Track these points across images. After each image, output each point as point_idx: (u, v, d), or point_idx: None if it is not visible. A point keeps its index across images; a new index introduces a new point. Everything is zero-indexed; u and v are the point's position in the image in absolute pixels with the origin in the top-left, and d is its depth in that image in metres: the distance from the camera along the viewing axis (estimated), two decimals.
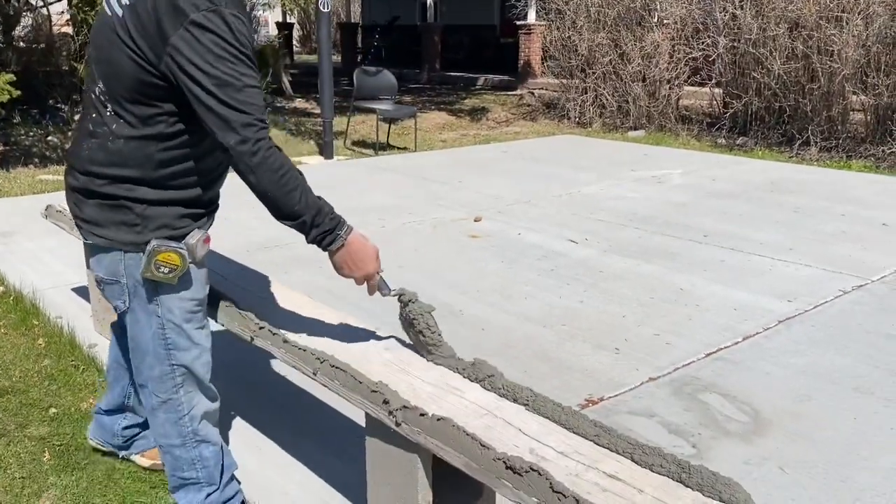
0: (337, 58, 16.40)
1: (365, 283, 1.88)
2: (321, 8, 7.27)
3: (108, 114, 1.72)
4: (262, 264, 2.60)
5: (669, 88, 9.50)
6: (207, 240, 1.87)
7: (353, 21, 21.01)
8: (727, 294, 3.82)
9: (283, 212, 1.78)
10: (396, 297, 1.95)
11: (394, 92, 8.75)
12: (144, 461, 2.34)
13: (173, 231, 1.79)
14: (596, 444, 1.52)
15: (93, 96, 1.75)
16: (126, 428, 2.32)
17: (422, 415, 1.59)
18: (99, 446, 2.39)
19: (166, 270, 1.76)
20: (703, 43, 9.02)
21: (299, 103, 11.43)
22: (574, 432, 1.55)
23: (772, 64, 8.17)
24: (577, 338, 3.29)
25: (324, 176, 6.82)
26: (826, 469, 2.34)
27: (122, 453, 2.36)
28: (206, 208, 1.92)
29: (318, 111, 9.66)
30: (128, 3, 1.66)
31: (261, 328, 2.04)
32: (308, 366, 1.88)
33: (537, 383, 2.35)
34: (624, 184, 6.46)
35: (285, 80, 11.62)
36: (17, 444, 2.47)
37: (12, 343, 3.22)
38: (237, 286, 2.36)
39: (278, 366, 2.93)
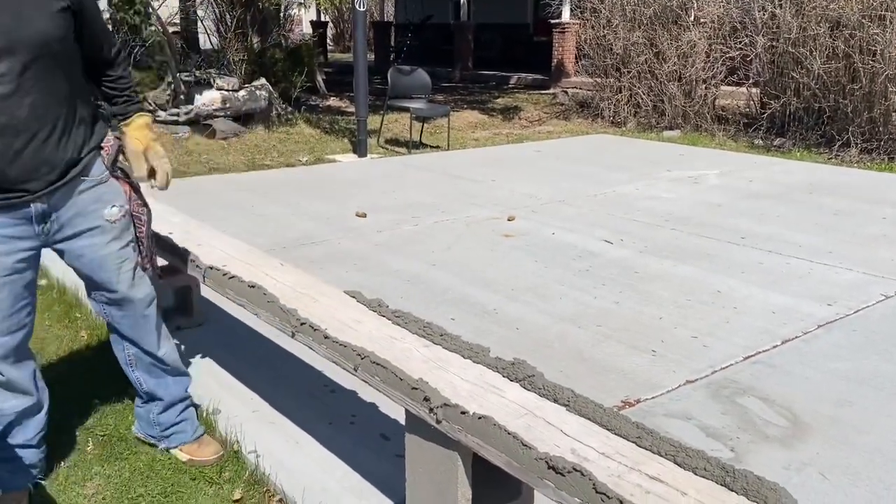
0: (370, 56, 16.48)
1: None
2: (357, 7, 7.31)
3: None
4: (298, 260, 2.63)
5: (706, 88, 9.39)
6: None
7: (386, 20, 21.08)
8: (765, 297, 3.77)
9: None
10: None
11: (427, 91, 8.77)
12: (183, 455, 2.39)
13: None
14: (638, 445, 1.51)
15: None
16: (161, 413, 2.39)
17: (462, 412, 1.60)
18: (143, 439, 2.46)
19: None
20: (740, 42, 8.90)
21: (333, 102, 11.51)
22: (615, 433, 1.55)
23: (812, 64, 8.03)
24: (612, 338, 3.27)
25: (357, 174, 6.86)
26: (869, 475, 2.30)
27: (162, 445, 2.41)
28: None
29: (351, 109, 9.72)
30: None
31: (302, 324, 2.06)
32: (349, 361, 1.90)
33: (573, 383, 2.33)
34: (659, 184, 6.40)
35: (319, 78, 11.70)
36: (62, 434, 2.52)
37: (56, 335, 3.29)
38: (277, 282, 2.39)
39: (314, 358, 2.96)
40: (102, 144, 2.14)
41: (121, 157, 2.22)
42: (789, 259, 4.38)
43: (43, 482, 2.25)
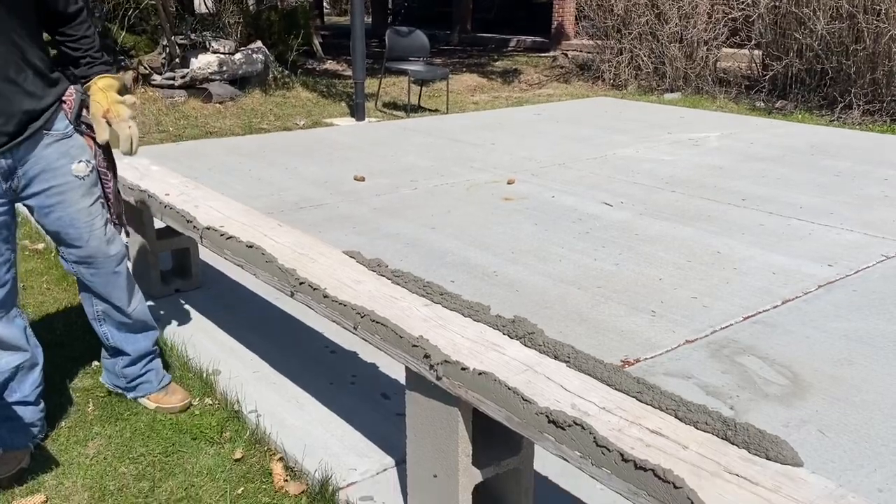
0: (367, 19, 16.24)
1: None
2: None
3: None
4: (296, 224, 2.61)
5: (707, 50, 9.28)
6: None
7: None
8: (766, 258, 3.76)
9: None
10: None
11: (425, 52, 8.65)
12: (150, 404, 2.45)
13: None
14: (638, 400, 1.51)
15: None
16: (127, 367, 2.43)
17: (463, 369, 1.59)
18: (111, 389, 2.52)
19: None
20: (742, 2, 8.77)
21: (330, 65, 11.38)
22: (616, 389, 1.54)
23: (815, 24, 7.93)
24: (612, 300, 3.26)
25: (355, 138, 6.80)
26: (868, 432, 2.31)
27: (130, 395, 2.47)
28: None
29: (349, 73, 9.62)
30: None
31: (301, 283, 2.05)
32: (348, 320, 1.89)
33: (573, 343, 2.34)
34: (660, 146, 6.35)
35: (316, 41, 11.54)
36: (61, 395, 2.53)
37: (55, 298, 3.28)
38: (275, 242, 2.37)
39: (314, 318, 2.95)
40: (64, 98, 2.09)
41: (85, 112, 2.17)
42: (790, 220, 4.36)
43: (43, 442, 2.26)
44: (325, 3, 20.62)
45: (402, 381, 1.83)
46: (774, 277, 3.51)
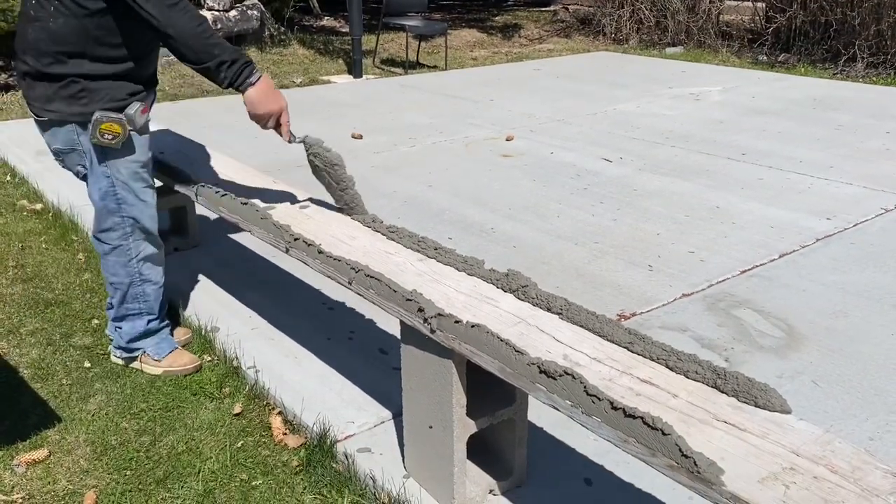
0: None
1: (276, 126, 2.14)
2: None
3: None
4: (293, 182, 2.60)
5: (710, 3, 9.12)
6: (145, 110, 2.17)
7: None
8: (764, 212, 3.75)
9: (205, 57, 2.00)
10: (301, 143, 2.21)
11: (424, 8, 8.52)
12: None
13: (115, 103, 2.10)
14: (629, 350, 1.52)
15: None
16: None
17: (456, 322, 1.60)
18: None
19: (110, 137, 2.09)
20: None
21: (327, 21, 11.21)
22: (608, 340, 1.56)
23: None
24: (609, 255, 3.27)
25: (353, 95, 6.74)
26: (861, 382, 2.33)
27: None
28: (143, 84, 2.19)
29: (346, 29, 9.48)
30: None
31: (296, 239, 2.05)
32: (343, 275, 1.90)
33: (569, 298, 2.34)
34: (660, 101, 6.29)
35: None
36: (62, 353, 2.55)
37: (53, 258, 3.29)
38: (269, 201, 2.37)
39: (312, 276, 2.96)
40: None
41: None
42: (789, 174, 4.34)
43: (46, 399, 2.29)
44: None
45: (399, 336, 1.84)
46: (772, 231, 3.51)
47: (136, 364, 2.46)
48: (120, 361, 2.49)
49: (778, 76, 7.47)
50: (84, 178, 2.25)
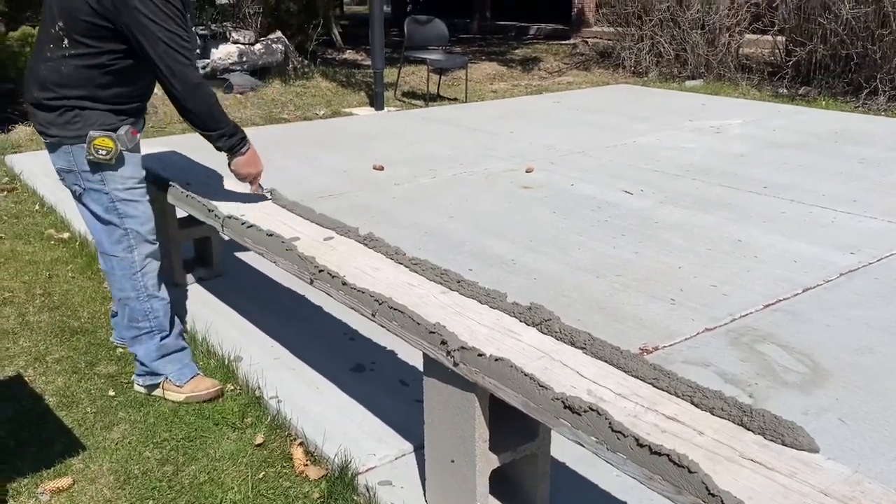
0: (387, 8, 16.19)
1: (252, 182, 2.55)
2: None
3: (65, 44, 2.20)
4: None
5: (729, 36, 9.16)
6: (134, 132, 2.34)
7: None
8: (787, 246, 3.73)
9: (212, 127, 2.34)
10: (269, 194, 2.66)
11: (445, 41, 8.64)
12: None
13: (107, 126, 2.27)
14: (654, 386, 1.51)
15: (52, 31, 2.22)
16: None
17: (479, 355, 1.60)
18: (119, 345, 2.74)
19: (104, 153, 2.25)
20: None
21: (349, 54, 11.39)
22: (632, 375, 1.55)
23: (840, 9, 7.80)
24: (631, 288, 3.26)
25: (374, 127, 6.82)
26: (888, 420, 2.29)
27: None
28: (131, 115, 2.36)
29: (368, 62, 9.61)
30: None
31: (320, 271, 2.07)
32: (367, 307, 1.91)
33: (591, 331, 2.34)
34: (681, 134, 6.30)
35: (335, 31, 11.55)
36: (87, 381, 2.58)
37: (80, 286, 3.34)
38: (294, 230, 2.39)
39: (334, 306, 2.98)
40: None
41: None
42: (812, 208, 4.32)
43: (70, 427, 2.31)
44: None
45: (420, 367, 1.85)
46: (795, 265, 3.49)
47: (158, 392, 2.48)
48: (143, 390, 2.51)
49: (799, 109, 7.46)
50: (80, 197, 2.38)
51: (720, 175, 5.02)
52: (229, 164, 2.47)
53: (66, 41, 2.21)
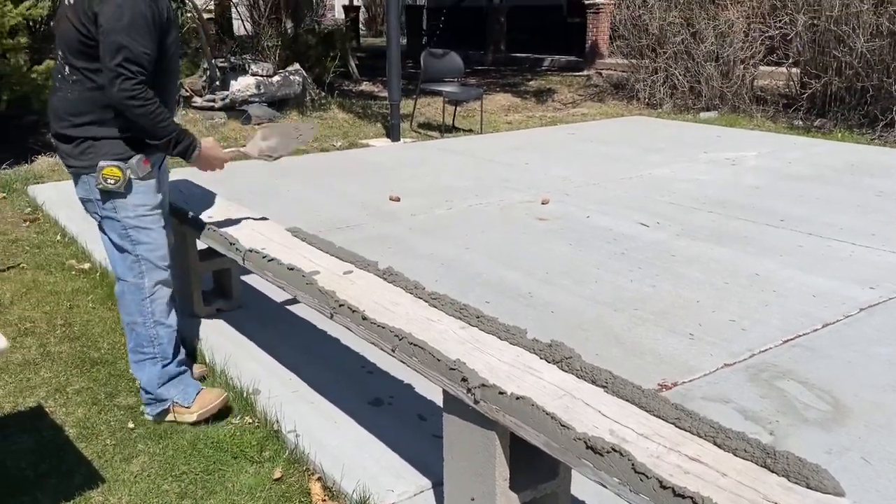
0: (402, 40, 16.40)
1: (222, 167, 2.60)
2: None
3: (66, 73, 2.33)
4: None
5: (744, 68, 9.20)
6: (146, 161, 2.40)
7: (418, 3, 20.98)
8: (805, 280, 3.71)
9: (156, 136, 2.36)
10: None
11: (460, 74, 8.73)
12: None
13: (118, 156, 2.35)
14: (677, 427, 1.51)
15: (58, 63, 2.38)
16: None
17: (500, 393, 1.61)
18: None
19: (112, 182, 2.34)
20: (780, 21, 8.69)
21: (366, 86, 11.53)
22: (654, 415, 1.55)
23: (854, 42, 7.83)
24: (649, 322, 3.25)
25: (391, 158, 6.88)
26: None
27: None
28: (144, 145, 2.39)
29: (384, 94, 9.73)
30: None
31: (340, 305, 2.08)
32: (387, 343, 1.92)
33: (609, 367, 2.32)
34: (696, 166, 6.31)
35: (352, 63, 11.70)
36: (107, 413, 2.60)
37: (100, 317, 3.37)
38: (315, 264, 2.41)
39: (351, 338, 2.99)
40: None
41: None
42: (830, 241, 4.30)
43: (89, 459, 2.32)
44: (360, 25, 20.92)
45: (439, 402, 1.85)
46: (814, 300, 3.47)
47: (169, 417, 2.52)
48: (150, 418, 2.54)
49: (814, 141, 7.46)
50: (99, 225, 2.48)
51: (736, 207, 5.02)
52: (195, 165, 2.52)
53: (67, 69, 2.33)
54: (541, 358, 1.79)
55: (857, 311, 3.34)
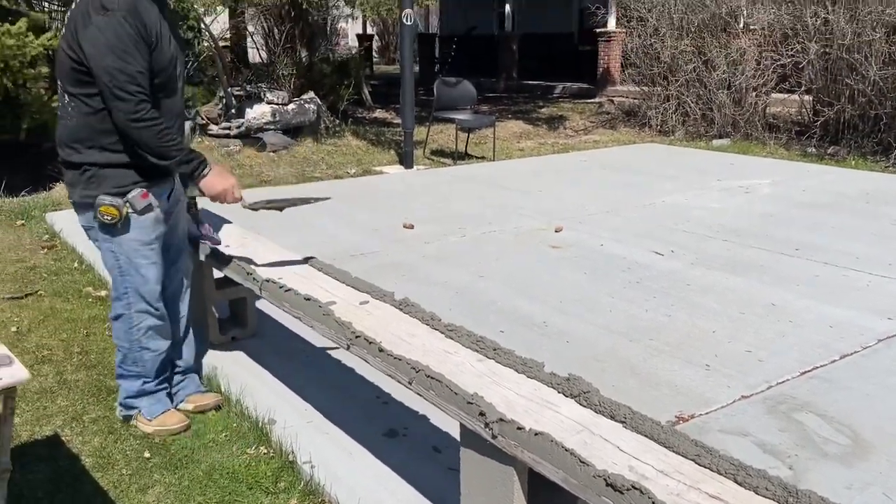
0: (415, 67, 16.56)
1: (232, 200, 2.52)
2: (405, 21, 7.38)
3: (65, 101, 2.39)
4: (348, 272, 2.67)
5: (756, 96, 9.23)
6: (145, 195, 2.44)
7: (430, 32, 21.22)
8: (822, 310, 3.69)
9: (163, 157, 2.37)
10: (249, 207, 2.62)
11: (473, 102, 8.80)
12: (188, 406, 2.78)
13: (119, 189, 2.39)
14: (697, 463, 1.50)
15: (59, 93, 2.43)
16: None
17: (519, 428, 1.60)
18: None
19: (108, 218, 2.39)
20: (792, 49, 8.72)
21: (379, 113, 11.62)
22: (674, 451, 1.54)
23: (867, 70, 7.84)
24: (664, 352, 3.23)
25: (404, 185, 6.92)
26: None
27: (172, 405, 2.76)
28: (148, 172, 2.43)
29: (397, 121, 9.80)
30: (67, 19, 2.36)
31: (357, 336, 2.09)
32: (403, 375, 1.92)
33: (625, 398, 2.31)
34: (709, 194, 6.31)
35: (366, 91, 11.82)
36: (123, 442, 2.60)
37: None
38: (331, 294, 2.42)
39: (366, 368, 2.99)
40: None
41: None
42: (846, 271, 4.28)
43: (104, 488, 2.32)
44: (373, 52, 21.15)
45: (454, 434, 1.84)
46: (831, 331, 3.44)
47: (133, 421, 2.69)
48: (120, 417, 2.72)
49: (828, 169, 7.45)
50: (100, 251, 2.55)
51: (751, 236, 5.00)
52: (199, 191, 2.52)
53: (66, 97, 2.39)
54: (558, 392, 1.79)
55: (875, 343, 3.31)
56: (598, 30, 13.34)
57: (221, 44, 9.53)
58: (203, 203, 2.83)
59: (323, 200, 2.97)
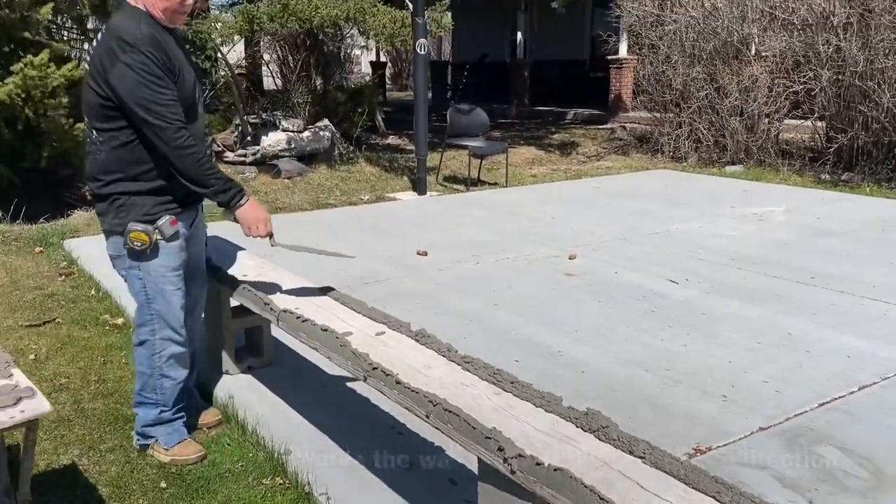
0: (428, 94, 16.68)
1: (264, 233, 2.54)
2: (418, 51, 7.47)
3: (93, 136, 2.45)
4: (362, 299, 2.68)
5: (769, 122, 9.24)
6: (174, 222, 2.50)
7: (443, 59, 21.43)
8: (839, 340, 3.66)
9: (202, 184, 2.44)
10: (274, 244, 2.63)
11: (485, 129, 8.87)
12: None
13: (147, 216, 2.46)
14: (717, 500, 1.49)
15: (86, 129, 2.51)
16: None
17: (538, 464, 1.60)
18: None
19: (138, 245, 2.44)
20: (804, 76, 8.75)
21: (392, 139, 11.70)
22: (693, 488, 1.53)
23: (880, 96, 7.85)
24: (681, 383, 3.21)
25: (417, 212, 6.95)
26: None
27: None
28: (176, 200, 2.52)
29: (410, 147, 9.88)
30: (89, 57, 2.37)
31: (374, 368, 2.09)
32: (421, 408, 1.92)
33: (642, 430, 2.31)
34: (723, 221, 6.30)
35: (379, 118, 11.93)
36: (139, 472, 2.61)
37: (133, 373, 3.39)
38: (348, 325, 2.43)
39: (381, 398, 2.98)
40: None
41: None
42: (862, 300, 4.25)
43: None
44: (386, 80, 21.35)
45: (470, 466, 1.84)
46: (849, 361, 3.41)
47: (150, 451, 2.71)
48: (137, 446, 2.74)
49: (842, 196, 7.43)
50: (125, 279, 2.59)
51: (766, 264, 4.98)
52: (233, 218, 2.54)
53: (94, 133, 2.45)
54: (577, 426, 1.78)
55: (893, 374, 3.28)
56: (609, 57, 13.43)
57: (237, 72, 9.66)
58: (217, 230, 2.89)
59: (348, 258, 3.07)
